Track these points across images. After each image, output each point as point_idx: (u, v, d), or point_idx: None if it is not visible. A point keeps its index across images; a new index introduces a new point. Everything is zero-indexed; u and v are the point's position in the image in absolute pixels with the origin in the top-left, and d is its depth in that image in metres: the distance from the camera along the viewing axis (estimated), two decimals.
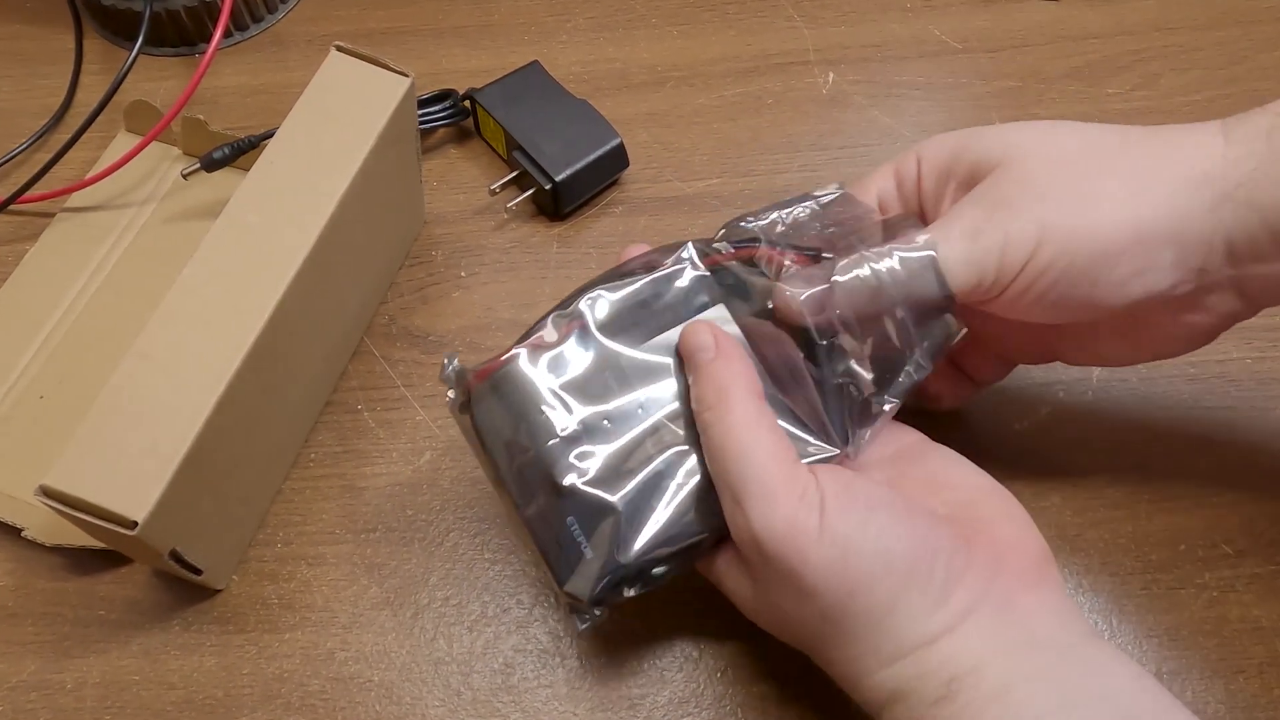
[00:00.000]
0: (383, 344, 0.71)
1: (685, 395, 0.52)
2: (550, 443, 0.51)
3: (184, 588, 0.61)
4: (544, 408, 0.51)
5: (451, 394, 0.53)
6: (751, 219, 0.57)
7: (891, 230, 0.53)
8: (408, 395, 0.68)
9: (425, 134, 0.80)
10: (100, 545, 0.59)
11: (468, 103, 0.79)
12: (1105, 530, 0.63)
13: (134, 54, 0.77)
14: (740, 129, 0.82)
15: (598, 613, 0.51)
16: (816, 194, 0.58)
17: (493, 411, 0.52)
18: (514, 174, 0.76)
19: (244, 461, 0.59)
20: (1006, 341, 0.60)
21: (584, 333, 0.53)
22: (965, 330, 0.54)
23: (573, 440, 0.51)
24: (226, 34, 0.86)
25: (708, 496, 0.50)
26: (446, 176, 0.79)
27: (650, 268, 0.54)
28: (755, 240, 0.55)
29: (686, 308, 0.54)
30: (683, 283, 0.54)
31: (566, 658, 0.60)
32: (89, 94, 0.84)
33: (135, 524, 0.50)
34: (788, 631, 0.51)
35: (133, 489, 0.50)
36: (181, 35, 0.86)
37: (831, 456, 0.52)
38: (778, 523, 0.46)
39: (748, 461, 0.47)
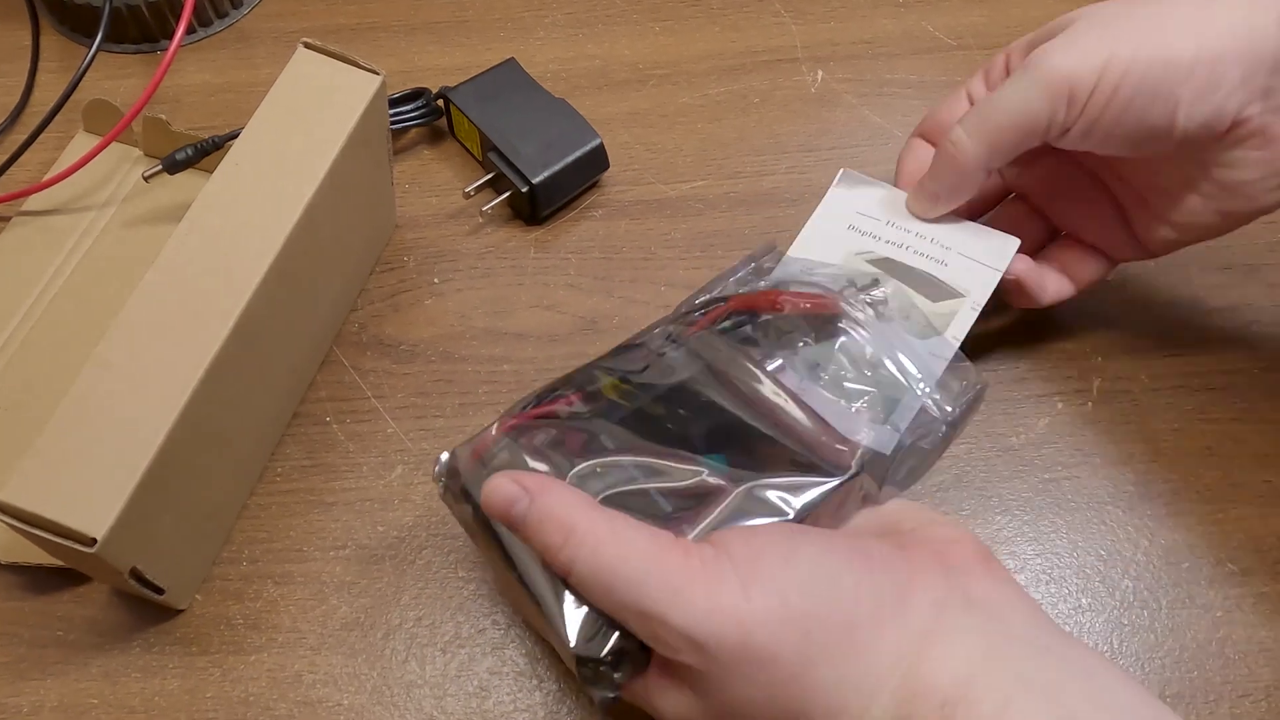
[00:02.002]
0: (352, 353, 0.71)
1: (680, 437, 0.52)
2: None
3: (145, 608, 0.62)
4: (535, 470, 0.51)
5: (442, 484, 0.53)
6: (701, 296, 0.61)
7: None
8: (378, 407, 0.69)
9: (397, 134, 0.81)
10: (58, 563, 0.59)
11: (441, 102, 0.80)
12: (1106, 548, 0.64)
13: (93, 51, 0.78)
14: (725, 129, 0.83)
15: (618, 676, 0.47)
16: (754, 257, 0.62)
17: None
18: (489, 176, 0.76)
19: (208, 476, 0.59)
20: (1093, 227, 0.65)
21: (574, 402, 0.54)
22: (984, 384, 0.58)
23: None
24: (189, 30, 0.87)
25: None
26: (419, 179, 0.80)
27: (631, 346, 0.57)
28: (720, 300, 0.58)
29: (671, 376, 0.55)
30: (672, 353, 0.56)
31: (544, 680, 0.60)
32: (46, 93, 0.85)
33: (94, 541, 0.50)
34: None
35: (92, 504, 0.50)
36: (143, 31, 0.86)
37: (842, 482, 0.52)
38: (698, 609, 0.43)
39: (631, 572, 0.44)
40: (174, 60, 0.74)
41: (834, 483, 0.51)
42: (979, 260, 0.63)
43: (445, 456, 0.53)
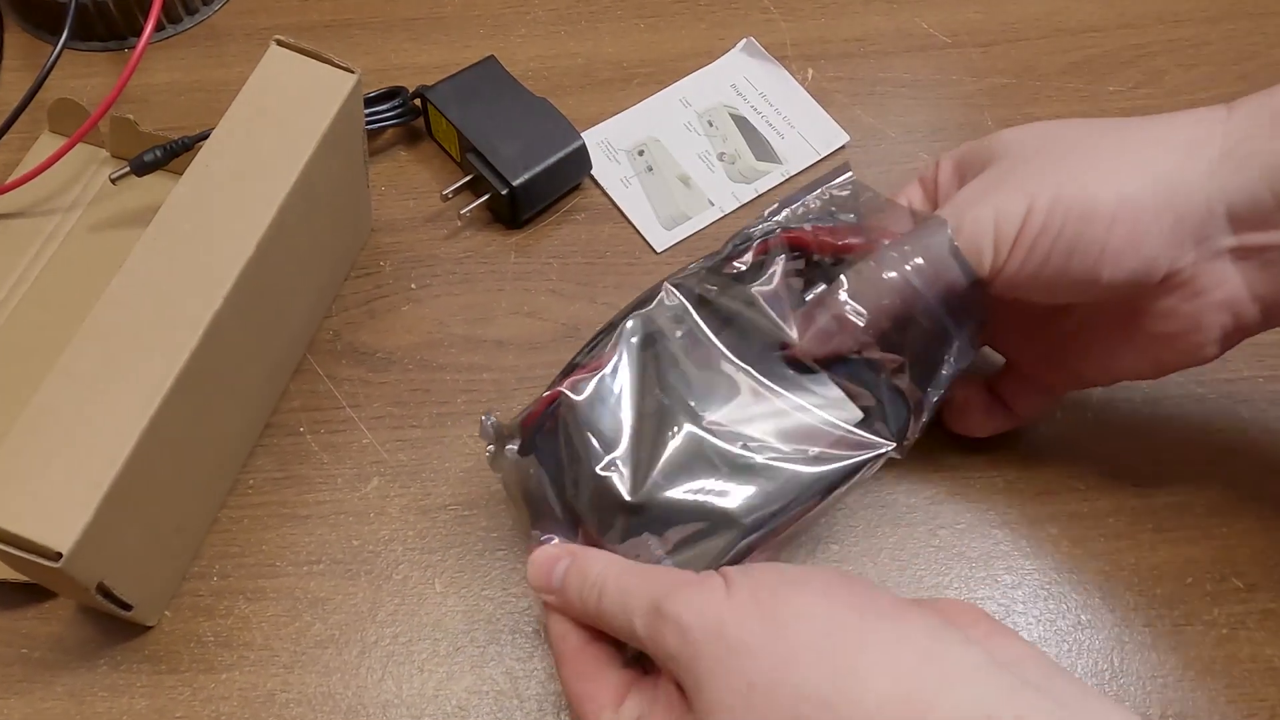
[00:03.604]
0: (326, 361, 0.71)
1: (735, 390, 0.56)
2: (603, 464, 0.54)
3: (112, 624, 0.62)
4: (592, 435, 0.54)
5: (491, 448, 0.57)
6: (758, 223, 0.60)
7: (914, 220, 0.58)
8: (353, 416, 0.69)
9: (372, 135, 0.80)
10: (22, 578, 0.59)
11: (418, 101, 0.80)
12: (1106, 562, 0.64)
13: (58, 48, 0.78)
14: None
15: None
16: (827, 183, 0.61)
17: (548, 454, 0.55)
18: (468, 178, 0.77)
19: (177, 488, 0.59)
20: (1030, 359, 0.63)
21: (622, 357, 0.56)
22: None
23: (628, 458, 0.54)
24: (158, 27, 0.87)
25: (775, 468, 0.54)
26: (395, 181, 0.80)
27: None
28: (771, 232, 0.59)
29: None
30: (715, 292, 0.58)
31: (525, 700, 0.60)
32: (10, 92, 0.85)
33: (59, 555, 0.50)
34: None
35: (57, 517, 0.50)
36: (110, 28, 0.86)
37: (886, 452, 0.55)
38: (680, 603, 0.47)
39: (641, 576, 0.50)
40: (142, 58, 0.74)
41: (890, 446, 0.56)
42: (809, 141, 0.82)
43: (493, 419, 0.56)
